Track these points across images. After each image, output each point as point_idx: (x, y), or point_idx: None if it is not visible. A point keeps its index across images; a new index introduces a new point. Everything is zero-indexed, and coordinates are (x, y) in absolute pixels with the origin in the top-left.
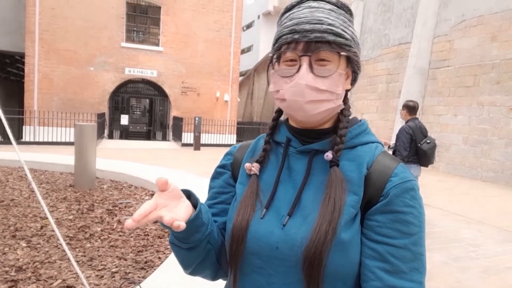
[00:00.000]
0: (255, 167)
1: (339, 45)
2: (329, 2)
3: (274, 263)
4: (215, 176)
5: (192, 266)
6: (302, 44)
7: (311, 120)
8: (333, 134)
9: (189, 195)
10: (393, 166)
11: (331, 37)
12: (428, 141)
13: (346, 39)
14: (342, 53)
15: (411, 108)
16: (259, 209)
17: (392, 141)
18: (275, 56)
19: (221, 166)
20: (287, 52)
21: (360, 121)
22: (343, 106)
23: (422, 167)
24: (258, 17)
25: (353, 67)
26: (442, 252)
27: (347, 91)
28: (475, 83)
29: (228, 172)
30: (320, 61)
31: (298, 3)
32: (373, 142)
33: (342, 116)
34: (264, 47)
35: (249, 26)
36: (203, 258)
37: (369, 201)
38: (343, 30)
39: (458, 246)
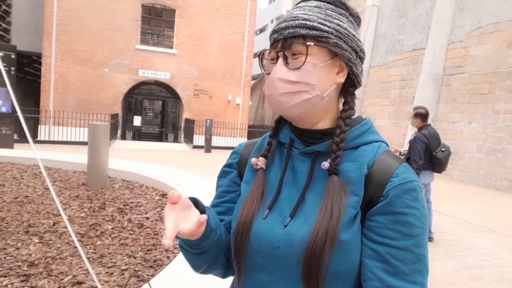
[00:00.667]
0: (261, 161)
1: (314, 38)
2: (318, 0)
3: (276, 262)
4: (222, 175)
5: (202, 268)
6: (281, 42)
7: (291, 115)
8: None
9: (195, 202)
10: (394, 166)
11: (303, 31)
12: (443, 149)
13: (323, 31)
14: (308, 43)
15: (424, 116)
16: (262, 207)
17: (404, 148)
18: (259, 58)
19: (227, 165)
20: (271, 52)
21: (364, 119)
22: (326, 98)
23: (435, 173)
24: (271, 21)
25: (345, 60)
26: (454, 260)
27: (348, 88)
28: (491, 90)
29: (234, 171)
30: (295, 55)
31: (293, 7)
32: (376, 141)
33: (341, 120)
34: None
35: (262, 30)
36: (213, 261)
37: (370, 201)
38: (321, 23)
39: (470, 255)
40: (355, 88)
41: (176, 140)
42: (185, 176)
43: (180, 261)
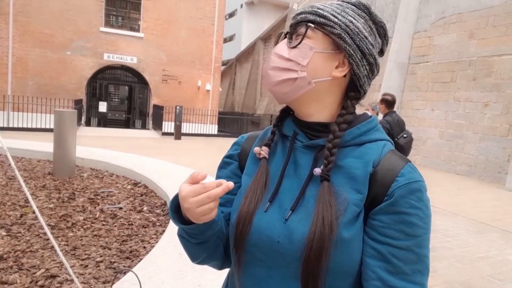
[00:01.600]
0: (264, 151)
1: (319, 24)
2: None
3: (275, 257)
4: (222, 166)
5: (200, 258)
6: (293, 27)
7: (276, 92)
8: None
9: None
10: (400, 166)
11: (311, 17)
12: (405, 135)
13: (330, 20)
14: (309, 24)
15: (389, 102)
16: (264, 199)
17: None
18: (274, 43)
19: (228, 156)
20: (283, 35)
21: (370, 117)
22: (313, 85)
23: None
24: (241, 6)
25: (346, 55)
26: None
27: (349, 92)
28: (453, 79)
29: (235, 163)
30: (298, 36)
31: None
32: (382, 140)
33: (335, 124)
34: (246, 36)
35: (231, 15)
36: (212, 252)
37: (374, 200)
38: (333, 15)
39: (434, 237)
40: (357, 94)
41: (144, 126)
42: (156, 164)
43: (158, 251)
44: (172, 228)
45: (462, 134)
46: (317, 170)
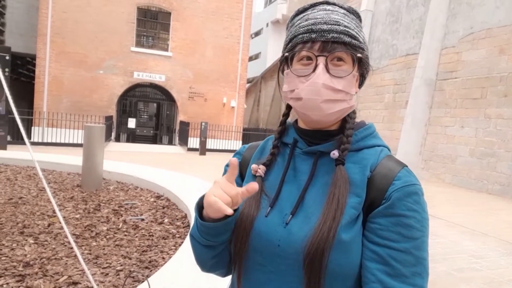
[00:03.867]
0: (261, 169)
1: (354, 47)
2: (341, 7)
3: (275, 261)
4: (225, 174)
5: (207, 264)
6: (319, 44)
7: (325, 120)
8: (339, 136)
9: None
10: (397, 170)
11: (347, 39)
12: None
13: (360, 41)
14: (358, 55)
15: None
16: (263, 208)
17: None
18: (289, 55)
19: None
20: (303, 51)
21: (367, 124)
22: (354, 108)
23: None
24: (267, 25)
25: (362, 70)
26: (446, 263)
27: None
28: (483, 95)
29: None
30: (336, 61)
31: (312, 6)
32: (379, 146)
33: (349, 118)
34: (272, 54)
35: (257, 33)
36: (218, 260)
37: (372, 204)
38: (357, 33)
39: (462, 257)
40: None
41: (170, 142)
42: (180, 178)
43: (175, 262)
44: None
45: (494, 152)
46: (336, 153)
